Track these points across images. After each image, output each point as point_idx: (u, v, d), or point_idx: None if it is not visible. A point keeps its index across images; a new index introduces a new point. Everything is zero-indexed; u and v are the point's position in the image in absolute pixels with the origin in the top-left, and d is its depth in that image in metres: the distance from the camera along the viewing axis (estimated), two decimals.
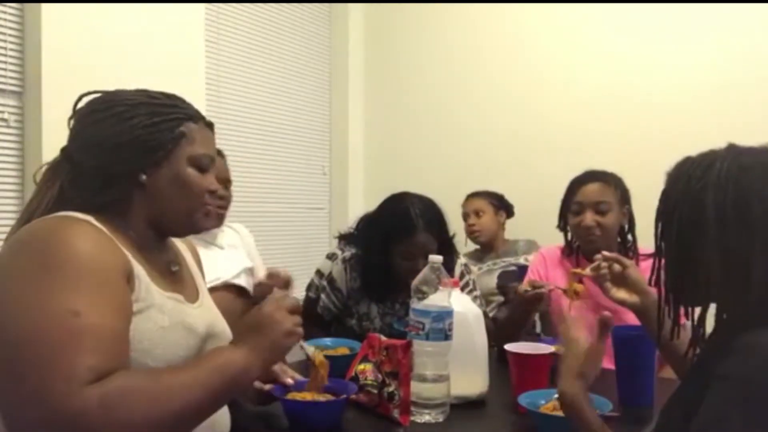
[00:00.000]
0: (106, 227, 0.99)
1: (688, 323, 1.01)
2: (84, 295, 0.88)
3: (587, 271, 1.50)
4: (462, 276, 2.02)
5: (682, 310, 1.01)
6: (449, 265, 1.92)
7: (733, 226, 0.89)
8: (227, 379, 0.94)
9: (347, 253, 2.00)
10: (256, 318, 1.02)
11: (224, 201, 1.90)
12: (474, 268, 2.70)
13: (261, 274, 1.96)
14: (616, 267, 1.43)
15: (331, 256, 2.03)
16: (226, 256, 1.90)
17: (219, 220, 1.90)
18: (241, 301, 1.86)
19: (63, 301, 0.86)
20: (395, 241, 1.87)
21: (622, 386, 1.41)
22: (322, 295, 2.00)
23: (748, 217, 0.89)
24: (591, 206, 1.90)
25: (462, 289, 1.89)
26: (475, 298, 1.97)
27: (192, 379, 0.92)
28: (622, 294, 1.41)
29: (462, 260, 2.06)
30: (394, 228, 1.88)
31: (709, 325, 0.98)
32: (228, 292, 1.80)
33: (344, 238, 2.05)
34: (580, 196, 1.92)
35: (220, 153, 1.91)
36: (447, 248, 1.93)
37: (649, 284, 1.06)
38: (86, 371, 0.82)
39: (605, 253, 1.47)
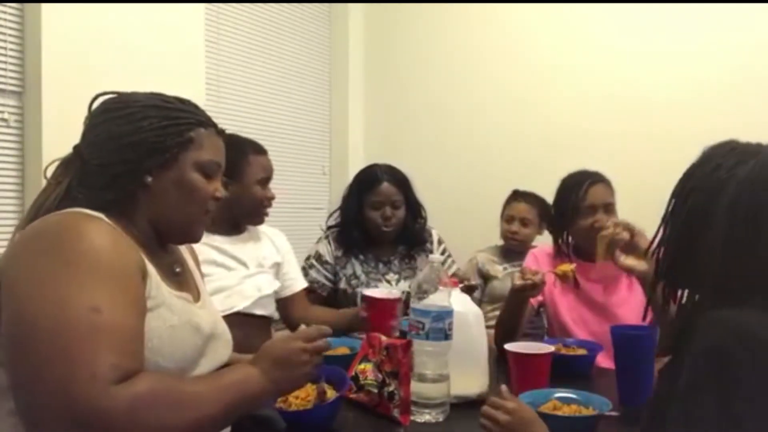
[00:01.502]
0: (116, 225, 0.99)
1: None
2: (103, 292, 0.88)
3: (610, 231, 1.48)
4: (440, 242, 2.36)
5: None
6: (420, 230, 2.31)
7: (742, 225, 0.86)
8: (244, 396, 0.97)
9: (328, 231, 2.32)
10: (283, 350, 1.04)
11: (269, 201, 1.91)
12: (499, 267, 2.72)
13: (292, 270, 2.06)
14: (625, 235, 1.42)
15: (317, 241, 2.31)
16: (246, 282, 1.86)
17: (262, 218, 1.94)
18: (257, 327, 1.86)
19: (83, 297, 0.86)
20: (364, 194, 2.23)
21: (622, 386, 1.42)
22: (312, 272, 2.23)
23: (758, 222, 0.86)
24: (602, 207, 1.91)
25: (440, 254, 2.30)
26: (453, 263, 2.34)
27: (214, 391, 0.94)
28: (630, 261, 1.41)
29: (437, 231, 2.38)
30: (362, 183, 2.27)
31: None
32: (244, 320, 1.78)
33: (330, 228, 2.33)
34: (592, 198, 1.91)
35: (264, 151, 1.93)
36: (415, 210, 2.29)
37: (653, 255, 1.05)
38: (110, 370, 0.82)
39: (615, 219, 1.47)
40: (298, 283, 2.08)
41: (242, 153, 1.87)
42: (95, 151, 1.03)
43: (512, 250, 2.78)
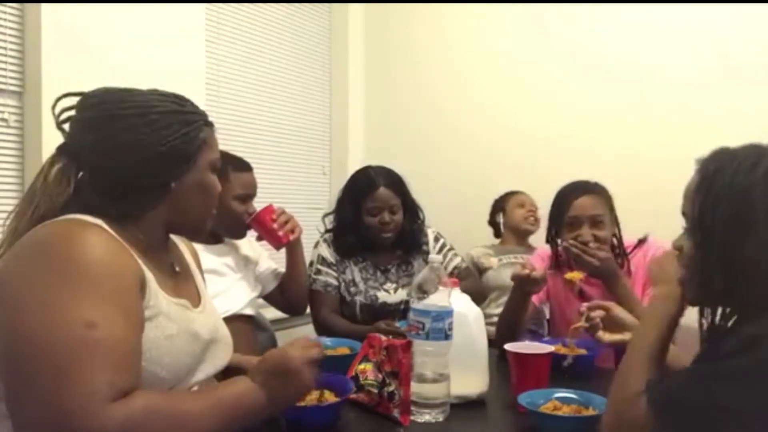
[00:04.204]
0: (116, 231, 0.97)
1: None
2: (99, 306, 0.86)
3: (582, 322, 1.49)
4: (437, 239, 2.29)
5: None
6: (417, 232, 2.24)
7: None
8: (239, 411, 0.96)
9: (326, 235, 2.23)
10: (282, 363, 1.03)
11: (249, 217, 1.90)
12: (494, 259, 2.75)
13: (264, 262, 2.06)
14: (599, 312, 1.45)
15: (315, 246, 2.24)
16: (239, 285, 1.90)
17: (243, 233, 1.92)
18: (250, 328, 1.92)
19: (78, 312, 0.84)
20: (361, 200, 2.14)
21: None
22: (321, 276, 2.17)
23: None
24: (587, 220, 1.88)
25: (440, 250, 2.25)
26: (455, 256, 2.28)
27: (209, 407, 0.93)
28: (614, 336, 1.42)
29: (433, 228, 2.32)
30: (358, 188, 2.18)
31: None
32: (239, 322, 1.80)
33: (327, 231, 2.27)
34: (576, 210, 1.88)
35: (247, 168, 1.91)
36: (413, 212, 2.23)
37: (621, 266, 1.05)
38: (105, 387, 0.81)
39: (586, 304, 1.49)
40: (279, 268, 2.07)
41: (222, 169, 1.89)
42: (108, 158, 1.00)
43: (522, 238, 2.85)
